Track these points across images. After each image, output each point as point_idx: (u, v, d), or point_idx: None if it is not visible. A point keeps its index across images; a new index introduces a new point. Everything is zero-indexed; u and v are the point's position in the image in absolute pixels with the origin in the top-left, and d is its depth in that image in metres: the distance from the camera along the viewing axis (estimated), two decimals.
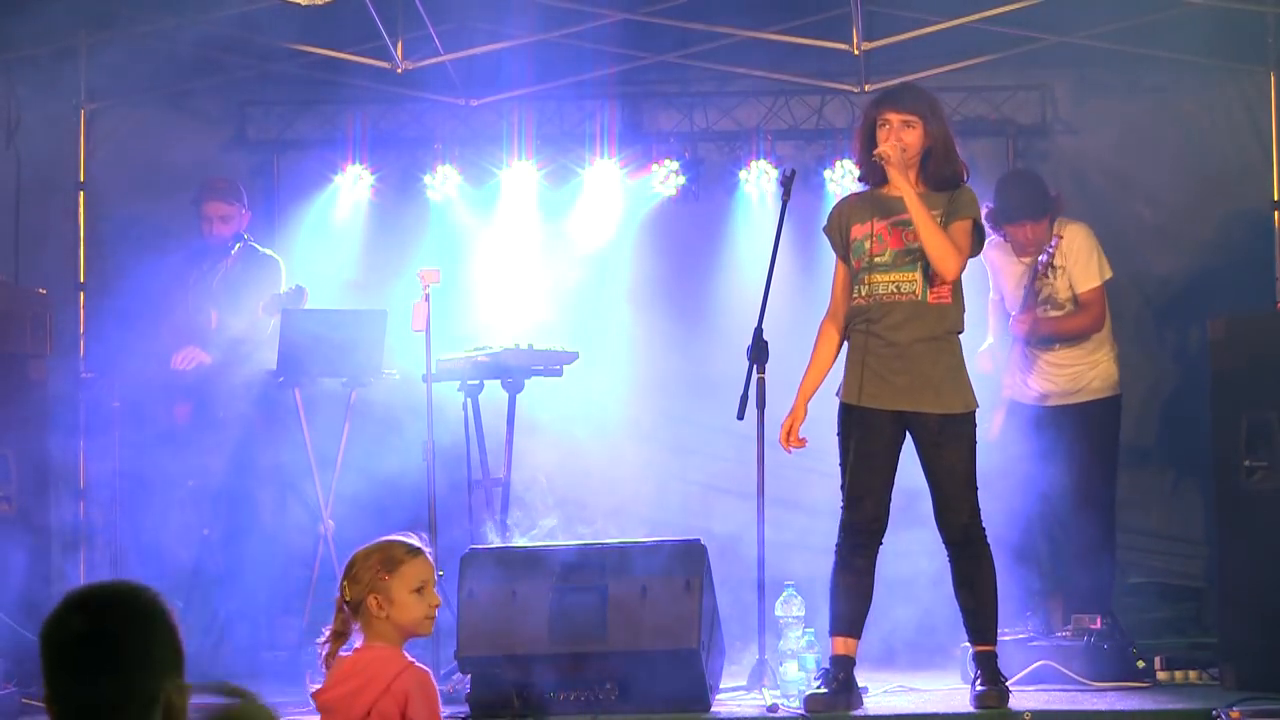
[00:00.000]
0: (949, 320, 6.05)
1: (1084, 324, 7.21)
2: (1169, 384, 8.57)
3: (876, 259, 6.02)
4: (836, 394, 6.14)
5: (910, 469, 6.13)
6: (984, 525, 6.07)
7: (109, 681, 2.51)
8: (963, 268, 6.02)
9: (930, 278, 5.99)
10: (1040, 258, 7.10)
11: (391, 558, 4.30)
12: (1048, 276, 7.16)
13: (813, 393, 6.18)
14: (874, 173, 6.14)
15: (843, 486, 6.07)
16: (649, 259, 8.85)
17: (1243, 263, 8.48)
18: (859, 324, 6.07)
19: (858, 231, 6.11)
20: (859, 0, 7.87)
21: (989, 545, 6.08)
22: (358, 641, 4.31)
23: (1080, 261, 7.16)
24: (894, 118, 6.02)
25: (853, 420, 6.05)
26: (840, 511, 6.07)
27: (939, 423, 5.95)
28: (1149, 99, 8.75)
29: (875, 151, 5.99)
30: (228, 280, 7.96)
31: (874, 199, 6.14)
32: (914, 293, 5.99)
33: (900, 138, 5.99)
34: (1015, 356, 7.24)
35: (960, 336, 6.11)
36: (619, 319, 8.66)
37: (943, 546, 6.09)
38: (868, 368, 6.02)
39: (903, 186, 5.96)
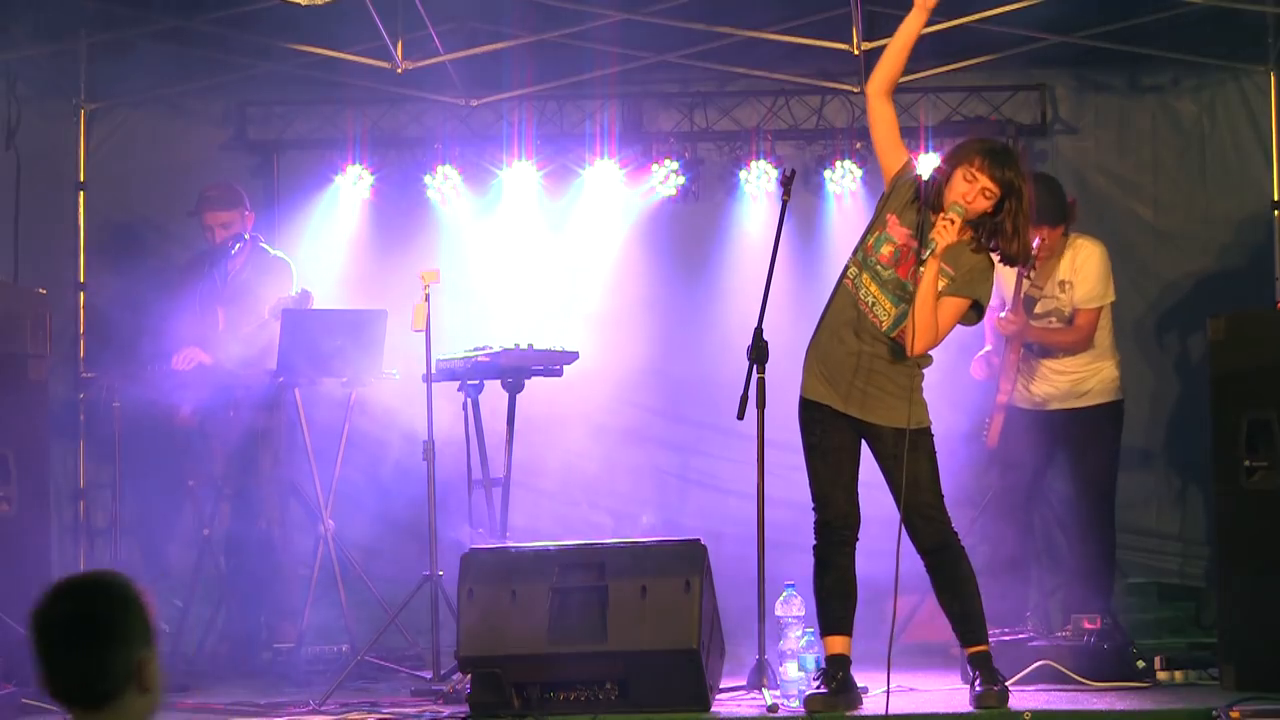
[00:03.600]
0: (914, 358, 5.93)
1: (1070, 341, 7.15)
2: (1169, 384, 8.56)
3: (880, 267, 5.94)
4: None
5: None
6: (955, 530, 6.04)
7: (93, 655, 2.87)
8: (926, 348, 5.89)
9: (897, 329, 5.88)
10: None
11: None
12: (1043, 289, 7.08)
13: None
14: (930, 201, 5.90)
15: (810, 485, 6.06)
16: (649, 259, 8.85)
17: (1243, 263, 8.49)
18: (831, 319, 6.01)
19: (892, 225, 5.95)
20: (859, 0, 7.87)
21: (963, 547, 6.05)
22: None
23: (1089, 281, 7.11)
24: (984, 180, 5.82)
25: (812, 416, 6.03)
26: (813, 512, 6.06)
27: (893, 436, 5.90)
28: (1149, 99, 8.75)
29: (942, 218, 5.77)
30: (237, 282, 7.95)
31: (922, 218, 5.92)
32: (884, 320, 5.92)
33: (973, 201, 5.83)
34: (1014, 361, 7.20)
35: (924, 370, 6.04)
36: (619, 319, 8.64)
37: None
38: (826, 364, 5.98)
39: (931, 265, 5.77)
